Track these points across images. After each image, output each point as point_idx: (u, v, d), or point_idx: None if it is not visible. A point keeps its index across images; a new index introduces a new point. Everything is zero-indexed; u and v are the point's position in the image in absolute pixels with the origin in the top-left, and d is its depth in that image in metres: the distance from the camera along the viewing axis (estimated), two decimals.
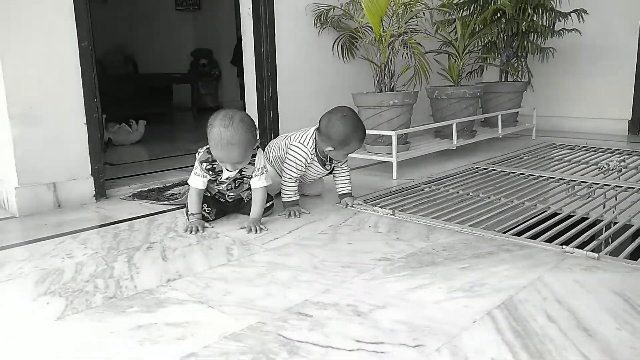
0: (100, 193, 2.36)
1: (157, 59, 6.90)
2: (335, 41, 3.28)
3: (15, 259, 1.65)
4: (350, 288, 1.35)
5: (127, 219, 2.06)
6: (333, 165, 2.16)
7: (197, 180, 1.89)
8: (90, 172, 2.33)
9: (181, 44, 7.03)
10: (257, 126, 1.95)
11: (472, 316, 1.18)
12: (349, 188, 2.20)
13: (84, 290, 1.38)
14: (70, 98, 2.24)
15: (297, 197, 2.10)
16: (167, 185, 2.60)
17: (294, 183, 2.08)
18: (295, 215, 2.02)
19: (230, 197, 2.02)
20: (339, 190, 2.20)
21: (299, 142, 2.07)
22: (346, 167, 2.19)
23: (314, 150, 2.08)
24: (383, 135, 2.87)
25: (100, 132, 2.41)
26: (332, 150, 2.02)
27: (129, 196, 2.42)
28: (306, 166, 2.08)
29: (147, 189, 2.54)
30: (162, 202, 2.30)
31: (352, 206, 2.14)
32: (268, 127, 3.10)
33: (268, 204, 2.02)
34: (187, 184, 1.95)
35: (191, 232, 1.85)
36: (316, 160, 2.10)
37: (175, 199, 2.30)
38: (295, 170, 2.06)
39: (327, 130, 2.00)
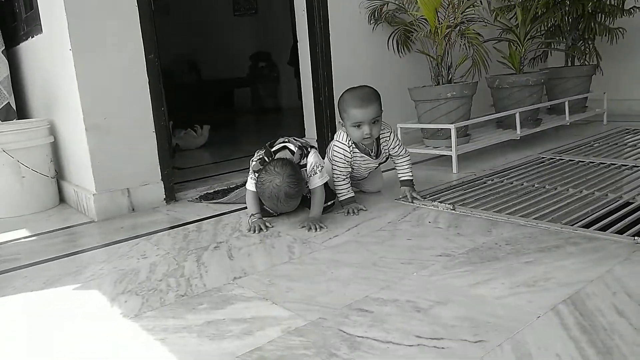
0: (170, 196, 2.50)
1: (218, 64, 7.13)
2: (389, 36, 3.26)
3: (96, 260, 1.78)
4: (409, 284, 1.36)
5: (195, 221, 2.17)
6: (384, 154, 2.17)
7: (253, 184, 1.96)
8: (161, 177, 2.46)
9: (240, 48, 7.22)
10: (303, 175, 1.97)
11: (536, 311, 1.15)
12: (410, 174, 2.20)
13: (158, 288, 1.48)
14: (140, 108, 2.38)
15: (352, 194, 2.12)
16: (231, 186, 2.70)
17: (343, 180, 2.11)
18: (353, 212, 2.05)
19: None
20: (399, 177, 2.22)
21: (336, 139, 2.13)
22: (404, 154, 2.19)
23: (350, 142, 2.10)
24: (442, 129, 2.83)
25: (168, 139, 2.54)
26: (345, 124, 2.06)
27: (196, 198, 2.54)
28: (350, 160, 2.11)
29: (212, 191, 2.65)
30: (221, 202, 2.40)
31: (411, 202, 2.13)
32: (325, 126, 3.13)
33: (329, 203, 2.06)
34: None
35: (254, 231, 1.92)
36: (358, 151, 2.12)
37: (233, 195, 2.41)
38: (339, 166, 2.09)
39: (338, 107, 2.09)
